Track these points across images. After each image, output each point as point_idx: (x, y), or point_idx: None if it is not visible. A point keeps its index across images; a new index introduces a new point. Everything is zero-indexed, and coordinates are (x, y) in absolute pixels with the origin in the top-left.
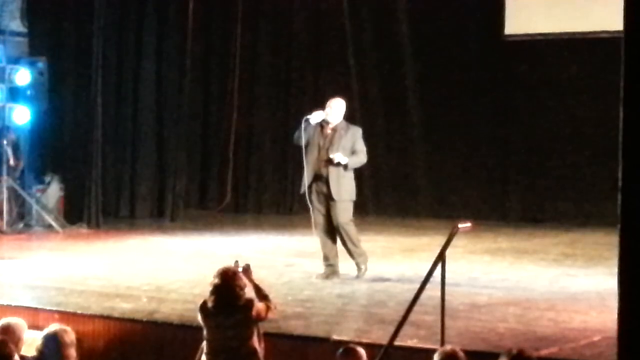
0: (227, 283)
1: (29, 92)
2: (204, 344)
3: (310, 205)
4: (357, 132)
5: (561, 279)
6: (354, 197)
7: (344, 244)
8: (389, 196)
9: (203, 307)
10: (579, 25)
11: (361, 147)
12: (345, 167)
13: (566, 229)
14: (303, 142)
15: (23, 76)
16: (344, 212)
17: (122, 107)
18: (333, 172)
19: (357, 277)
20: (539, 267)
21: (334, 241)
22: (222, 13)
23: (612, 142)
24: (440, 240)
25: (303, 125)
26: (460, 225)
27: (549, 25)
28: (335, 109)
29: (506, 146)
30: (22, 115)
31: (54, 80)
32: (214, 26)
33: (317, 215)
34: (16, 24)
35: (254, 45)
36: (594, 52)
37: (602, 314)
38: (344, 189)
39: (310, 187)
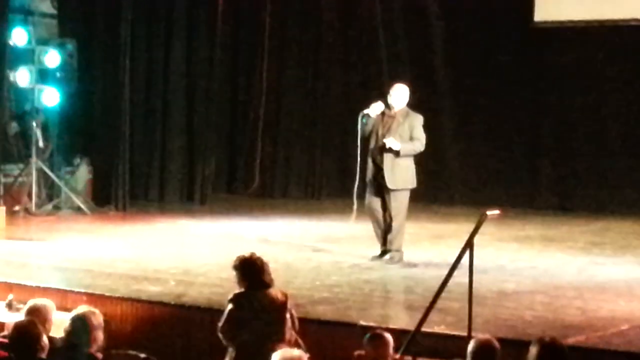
0: None
1: (58, 74)
2: None
3: (355, 197)
4: (416, 119)
5: (589, 267)
6: (409, 185)
7: (390, 232)
8: (419, 183)
9: None
10: (609, 13)
11: (419, 135)
12: (397, 153)
13: (595, 217)
14: (365, 135)
15: (53, 58)
16: (398, 200)
17: (151, 90)
18: (387, 160)
19: (387, 263)
20: (567, 255)
21: (382, 228)
22: None
23: None
24: (468, 227)
25: (364, 120)
26: (488, 213)
27: (578, 13)
28: (396, 95)
29: (536, 133)
30: (51, 97)
31: (84, 62)
32: (243, 7)
33: (371, 202)
34: (46, 6)
35: (283, 27)
36: (624, 39)
37: (631, 303)
38: (399, 176)
39: (370, 176)
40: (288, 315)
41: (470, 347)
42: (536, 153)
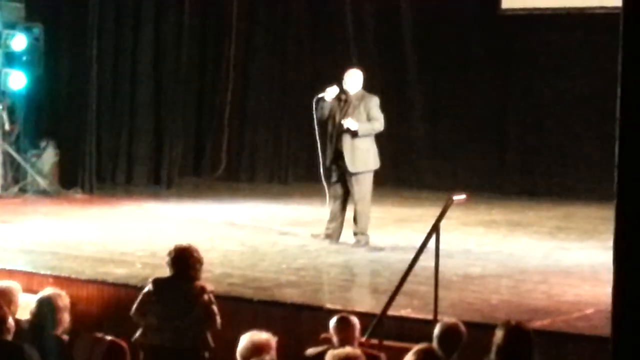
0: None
1: (25, 58)
2: None
3: (324, 181)
4: (371, 100)
5: (555, 252)
6: (371, 166)
7: (354, 217)
8: (386, 167)
9: None
10: (576, 1)
11: (376, 115)
12: (356, 133)
13: (561, 202)
14: (323, 118)
15: (19, 41)
16: (360, 183)
17: (118, 74)
18: (346, 144)
19: (353, 246)
20: (533, 239)
21: (343, 213)
22: None
23: (609, 117)
24: (434, 211)
25: (319, 105)
26: (455, 197)
27: (545, 0)
28: (351, 79)
29: (503, 119)
30: (18, 81)
31: (50, 45)
32: None
33: (333, 187)
34: None
35: (251, 11)
36: (591, 27)
37: (595, 287)
38: (359, 159)
39: (332, 160)
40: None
41: (437, 330)
42: (503, 138)
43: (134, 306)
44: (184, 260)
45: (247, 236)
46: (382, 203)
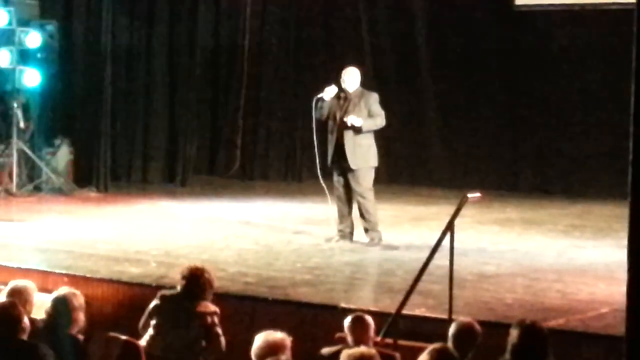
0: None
1: (39, 55)
2: None
3: (321, 180)
4: (371, 97)
5: (569, 250)
6: (372, 163)
7: (361, 214)
8: (402, 165)
9: None
10: None
11: (377, 111)
12: (360, 130)
13: (576, 200)
14: (322, 118)
15: (34, 39)
16: (362, 180)
17: (132, 72)
18: (348, 141)
19: (367, 245)
20: (548, 238)
21: (350, 212)
22: None
23: (625, 114)
24: (449, 209)
25: (318, 105)
26: (469, 195)
27: None
28: (350, 78)
29: (517, 117)
30: (32, 78)
31: (65, 43)
32: None
33: (336, 187)
34: None
35: (265, 10)
36: (605, 23)
37: (610, 286)
38: (361, 156)
39: (333, 159)
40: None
41: (452, 329)
42: (518, 136)
43: (142, 319)
44: (195, 280)
45: (262, 235)
46: (397, 201)
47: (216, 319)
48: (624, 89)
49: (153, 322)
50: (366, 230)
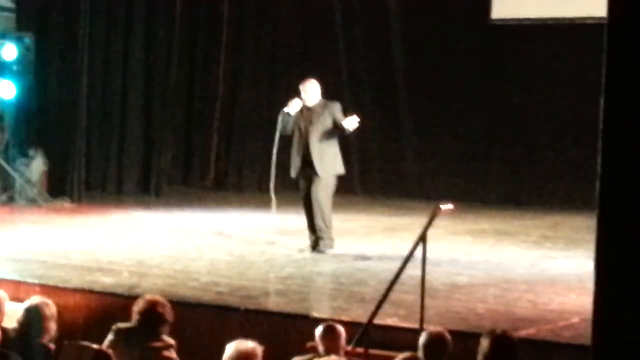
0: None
1: (15, 67)
2: None
3: (272, 192)
4: (334, 106)
5: (541, 261)
6: (339, 170)
7: (315, 218)
8: (375, 176)
9: None
10: (566, 10)
11: (342, 119)
12: (347, 132)
13: (548, 211)
14: (289, 132)
15: (10, 51)
16: (325, 188)
17: (108, 83)
18: (314, 151)
19: (318, 250)
20: (520, 249)
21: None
22: None
23: (596, 126)
24: (422, 220)
25: (281, 118)
26: (442, 206)
27: (535, 10)
28: (309, 92)
29: (490, 128)
30: (7, 90)
31: (41, 55)
32: (201, 4)
33: (303, 197)
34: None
35: (240, 24)
36: (580, 37)
37: (581, 296)
38: (328, 165)
39: (299, 170)
40: None
41: (422, 339)
42: (490, 147)
43: None
44: (150, 315)
45: (235, 245)
46: (370, 212)
47: (172, 353)
48: (595, 103)
49: None
50: (319, 234)
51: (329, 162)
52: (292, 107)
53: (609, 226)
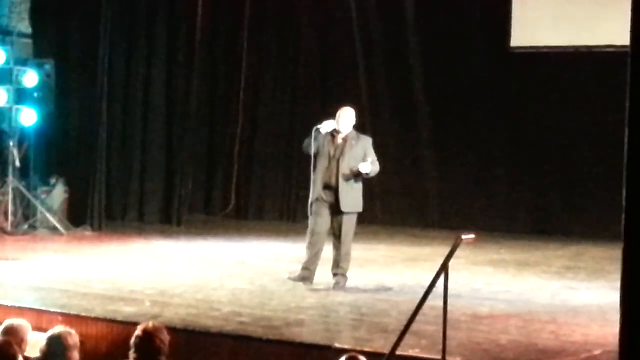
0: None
1: (36, 94)
2: None
3: (310, 215)
4: (368, 142)
5: (563, 291)
6: (360, 209)
7: (339, 257)
8: (398, 206)
9: None
10: (585, 39)
11: (374, 157)
12: (367, 175)
13: (569, 242)
14: (313, 151)
15: (31, 78)
16: (350, 224)
17: (129, 111)
18: (344, 184)
19: (333, 288)
20: (542, 279)
21: (321, 252)
22: (229, 19)
23: (620, 157)
24: (444, 250)
25: (314, 135)
26: (463, 237)
27: (554, 38)
28: (345, 119)
29: (512, 158)
30: (29, 117)
31: (61, 82)
32: (222, 30)
33: (319, 222)
34: (24, 26)
35: (260, 51)
36: (600, 66)
37: (604, 328)
38: (353, 201)
39: (317, 196)
40: None
41: None
42: (512, 177)
43: None
44: (148, 345)
45: (256, 275)
46: (391, 242)
47: None
48: (618, 131)
49: None
50: (336, 274)
51: (355, 198)
52: (325, 127)
53: (634, 257)
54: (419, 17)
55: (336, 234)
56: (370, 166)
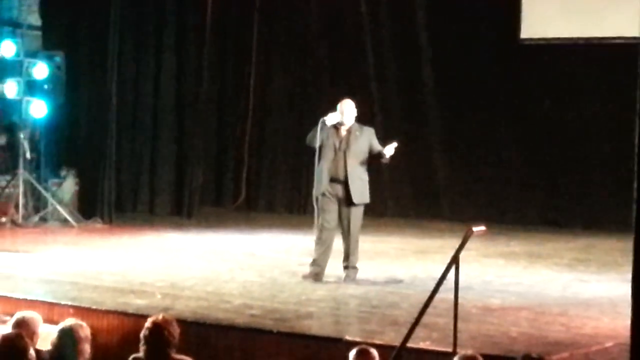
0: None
1: (46, 86)
2: None
3: (316, 208)
4: (371, 132)
5: (574, 284)
6: (368, 199)
7: (346, 251)
8: (408, 198)
9: None
10: (595, 31)
11: (379, 146)
12: (385, 161)
13: (580, 234)
14: (317, 144)
15: (41, 70)
16: (358, 216)
17: (139, 103)
18: (354, 175)
19: (345, 281)
20: (552, 271)
21: (332, 245)
22: (239, 12)
23: (630, 147)
24: (454, 243)
25: (319, 126)
26: (474, 229)
27: (564, 30)
28: (348, 110)
29: (522, 150)
30: (39, 109)
31: (71, 74)
32: (231, 24)
33: (327, 218)
34: (34, 18)
35: (270, 43)
36: (611, 57)
37: (614, 320)
38: (362, 193)
39: (324, 190)
40: None
41: None
42: (523, 169)
43: None
44: (158, 337)
45: (267, 267)
46: (402, 234)
47: None
48: (629, 122)
49: None
50: (346, 267)
51: (363, 188)
52: (330, 119)
53: None
54: (429, 10)
55: (345, 227)
56: (393, 149)
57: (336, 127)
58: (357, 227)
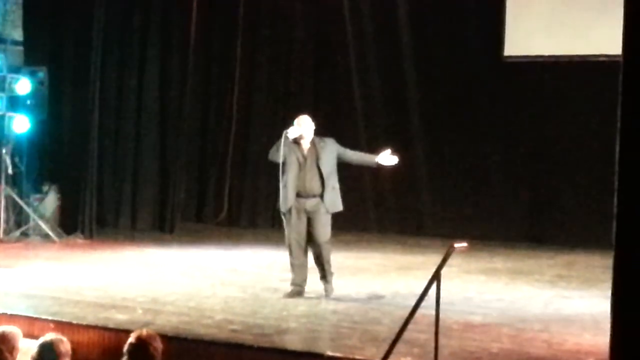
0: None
1: (28, 102)
2: None
3: (285, 224)
4: (333, 142)
5: (555, 300)
6: (341, 207)
7: (320, 262)
8: (391, 214)
9: None
10: (578, 48)
11: (350, 151)
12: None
13: (562, 250)
14: (280, 159)
15: (23, 85)
16: (329, 226)
17: (121, 118)
18: (328, 185)
19: (326, 296)
20: (534, 288)
21: (307, 263)
22: (223, 28)
23: (612, 165)
24: (436, 259)
25: (282, 141)
26: (456, 245)
27: (548, 47)
28: (307, 124)
29: (505, 166)
30: (21, 125)
31: (54, 89)
32: (215, 38)
33: (296, 232)
34: (17, 33)
35: (253, 59)
36: (593, 75)
37: (596, 337)
38: (336, 201)
39: (290, 205)
40: None
41: None
42: (505, 186)
43: None
44: (142, 352)
45: (249, 282)
46: (384, 250)
47: None
48: (610, 140)
49: None
50: (323, 276)
51: (335, 198)
52: (292, 132)
53: (625, 266)
54: (413, 26)
55: (315, 237)
56: (393, 159)
57: (296, 142)
58: (328, 236)
